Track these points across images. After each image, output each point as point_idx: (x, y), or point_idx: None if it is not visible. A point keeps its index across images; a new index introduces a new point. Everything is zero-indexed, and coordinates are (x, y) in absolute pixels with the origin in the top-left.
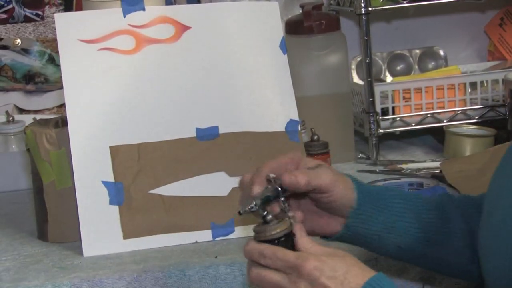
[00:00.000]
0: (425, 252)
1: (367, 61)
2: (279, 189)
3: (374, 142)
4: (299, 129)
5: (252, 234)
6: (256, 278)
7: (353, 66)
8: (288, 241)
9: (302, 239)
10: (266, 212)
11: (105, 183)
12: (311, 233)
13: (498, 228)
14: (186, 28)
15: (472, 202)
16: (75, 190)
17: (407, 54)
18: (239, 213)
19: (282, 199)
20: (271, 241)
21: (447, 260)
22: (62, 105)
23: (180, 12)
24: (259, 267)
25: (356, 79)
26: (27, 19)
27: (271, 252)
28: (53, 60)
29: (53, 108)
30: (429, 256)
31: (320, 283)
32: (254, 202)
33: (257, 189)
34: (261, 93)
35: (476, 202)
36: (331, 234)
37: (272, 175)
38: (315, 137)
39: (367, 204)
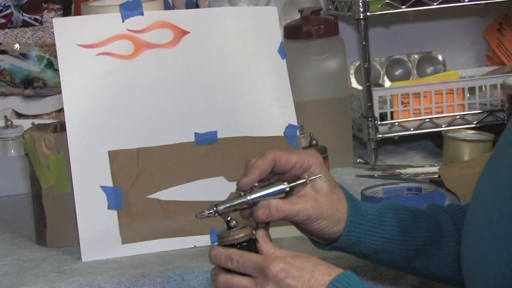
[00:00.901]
0: (416, 265)
1: (365, 66)
2: (249, 199)
3: (372, 147)
4: (298, 133)
5: None
6: (224, 285)
7: (352, 71)
8: (251, 246)
9: (265, 244)
10: (230, 218)
11: (104, 188)
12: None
13: (477, 242)
14: (184, 32)
15: (460, 209)
16: (73, 194)
17: (406, 59)
18: (196, 216)
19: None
20: (233, 246)
21: (438, 270)
22: (61, 110)
23: (179, 17)
24: (226, 274)
25: (354, 84)
26: (25, 24)
27: (238, 255)
28: (52, 65)
29: (51, 112)
30: (421, 267)
31: (286, 283)
32: (214, 208)
33: (245, 182)
34: (259, 98)
35: (464, 209)
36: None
37: (256, 183)
38: (314, 142)
39: (355, 231)
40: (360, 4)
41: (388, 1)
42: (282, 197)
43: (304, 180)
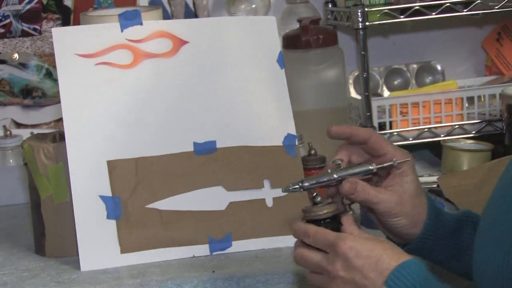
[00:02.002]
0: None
1: (364, 75)
2: (336, 177)
3: None
4: (297, 143)
5: None
6: (299, 258)
7: (351, 81)
8: (333, 223)
9: (350, 227)
10: (315, 194)
11: (103, 198)
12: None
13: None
14: (183, 42)
15: None
16: (72, 204)
17: (405, 68)
18: (282, 190)
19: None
20: (316, 221)
21: None
22: (60, 120)
23: (178, 26)
24: (303, 248)
25: (353, 93)
26: (24, 34)
27: (314, 231)
28: (51, 75)
29: (50, 122)
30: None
31: (354, 262)
32: (299, 184)
33: (333, 129)
34: (258, 107)
35: None
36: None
37: (339, 160)
38: (313, 152)
39: (431, 235)
40: (359, 14)
41: (387, 11)
42: (369, 183)
43: (391, 163)
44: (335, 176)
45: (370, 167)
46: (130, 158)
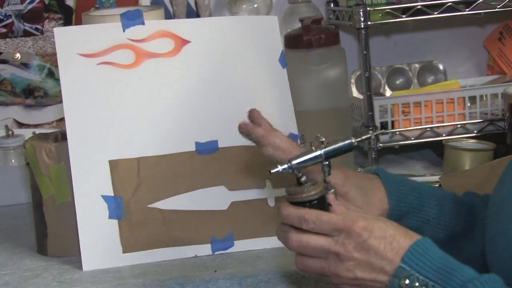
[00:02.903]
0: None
1: (366, 75)
2: (322, 152)
3: (373, 156)
4: (299, 143)
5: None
6: (298, 245)
7: (353, 80)
8: (322, 204)
9: (339, 207)
10: (301, 174)
11: (105, 197)
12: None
13: (508, 223)
14: (185, 42)
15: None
16: (74, 204)
17: (407, 68)
18: (269, 172)
19: (326, 162)
20: (302, 203)
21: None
22: (62, 119)
23: (180, 26)
24: (299, 233)
25: (355, 93)
26: (26, 33)
27: (314, 216)
28: (53, 74)
29: (52, 122)
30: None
31: (369, 243)
32: (288, 164)
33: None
34: (260, 107)
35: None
36: None
37: (322, 137)
38: None
39: (397, 214)
40: (361, 13)
41: (388, 10)
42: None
43: (369, 135)
44: (321, 152)
45: (351, 141)
46: (132, 158)
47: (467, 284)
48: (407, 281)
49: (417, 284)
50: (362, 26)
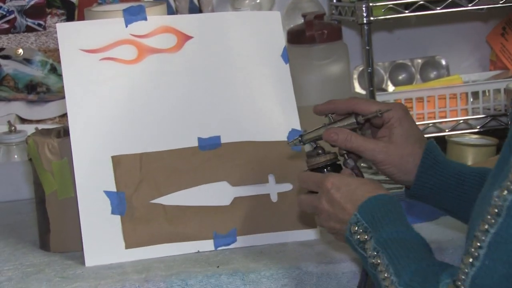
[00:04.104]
0: None
1: (369, 70)
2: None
3: None
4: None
5: None
6: (299, 202)
7: (355, 76)
8: (335, 170)
9: (347, 171)
10: (316, 146)
11: (107, 193)
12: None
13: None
14: (188, 37)
15: None
16: (77, 200)
17: (409, 63)
18: (288, 142)
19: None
20: (318, 169)
21: None
22: (64, 115)
23: (182, 21)
24: (301, 193)
25: (358, 88)
26: (29, 29)
27: (305, 175)
28: (55, 70)
29: (55, 118)
30: None
31: (331, 194)
32: (299, 138)
33: (317, 107)
34: (263, 102)
35: None
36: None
37: (331, 116)
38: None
39: (425, 185)
40: (364, 9)
41: (391, 5)
42: (362, 134)
43: (375, 114)
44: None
45: (358, 119)
46: (134, 154)
47: (385, 226)
48: (356, 228)
49: (361, 230)
50: (365, 22)
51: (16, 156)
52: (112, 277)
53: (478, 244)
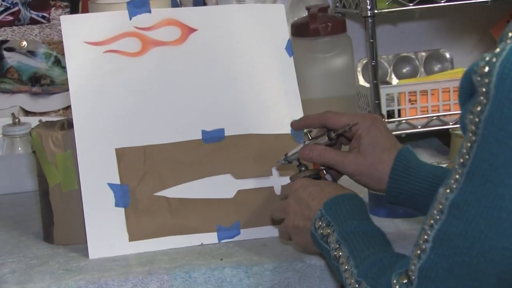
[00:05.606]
0: None
1: (373, 63)
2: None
3: None
4: (305, 131)
5: None
6: (271, 212)
7: (359, 69)
8: None
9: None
10: (299, 163)
11: (111, 185)
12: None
13: None
14: (192, 30)
15: None
16: (81, 192)
17: (413, 56)
18: (277, 164)
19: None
20: None
21: None
22: (68, 107)
23: (186, 14)
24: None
25: (362, 81)
26: (33, 21)
27: (284, 186)
28: (59, 62)
29: (59, 110)
30: None
31: (299, 194)
32: (283, 157)
33: (294, 123)
34: (267, 95)
35: None
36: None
37: (310, 133)
38: None
39: (398, 191)
40: (368, 1)
41: None
42: (337, 148)
43: (343, 129)
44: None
45: (330, 135)
46: (138, 146)
47: (348, 221)
48: (320, 223)
49: (324, 224)
50: (369, 15)
51: (20, 149)
52: (115, 270)
53: (425, 237)
